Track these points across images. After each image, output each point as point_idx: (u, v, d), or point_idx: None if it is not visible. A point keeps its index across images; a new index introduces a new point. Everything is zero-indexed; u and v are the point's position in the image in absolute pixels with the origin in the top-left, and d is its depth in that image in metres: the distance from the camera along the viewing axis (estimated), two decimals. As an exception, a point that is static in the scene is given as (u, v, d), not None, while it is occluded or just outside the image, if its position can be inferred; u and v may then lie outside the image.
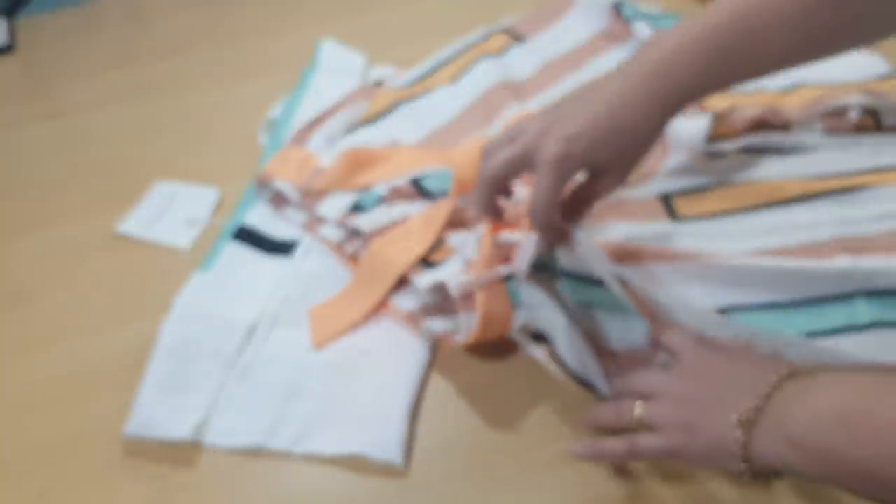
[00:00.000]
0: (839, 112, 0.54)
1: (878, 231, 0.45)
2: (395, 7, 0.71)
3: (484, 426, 0.40)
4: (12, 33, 0.72)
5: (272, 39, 0.69)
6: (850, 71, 0.57)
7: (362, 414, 0.40)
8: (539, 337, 0.42)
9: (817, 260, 0.43)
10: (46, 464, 0.39)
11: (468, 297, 0.40)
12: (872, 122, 0.54)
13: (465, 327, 0.40)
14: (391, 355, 0.42)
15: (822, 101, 0.53)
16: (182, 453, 0.39)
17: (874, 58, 0.58)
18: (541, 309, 0.41)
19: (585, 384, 0.41)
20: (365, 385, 0.41)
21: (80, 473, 0.39)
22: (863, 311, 0.41)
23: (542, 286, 0.41)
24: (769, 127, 0.55)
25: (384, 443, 0.38)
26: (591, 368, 0.40)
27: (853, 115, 0.53)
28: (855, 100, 0.52)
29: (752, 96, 0.55)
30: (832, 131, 0.54)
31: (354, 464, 0.38)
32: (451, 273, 0.41)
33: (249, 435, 0.39)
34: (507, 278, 0.41)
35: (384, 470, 0.38)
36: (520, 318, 0.40)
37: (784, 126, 0.54)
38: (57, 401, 0.42)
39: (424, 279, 0.42)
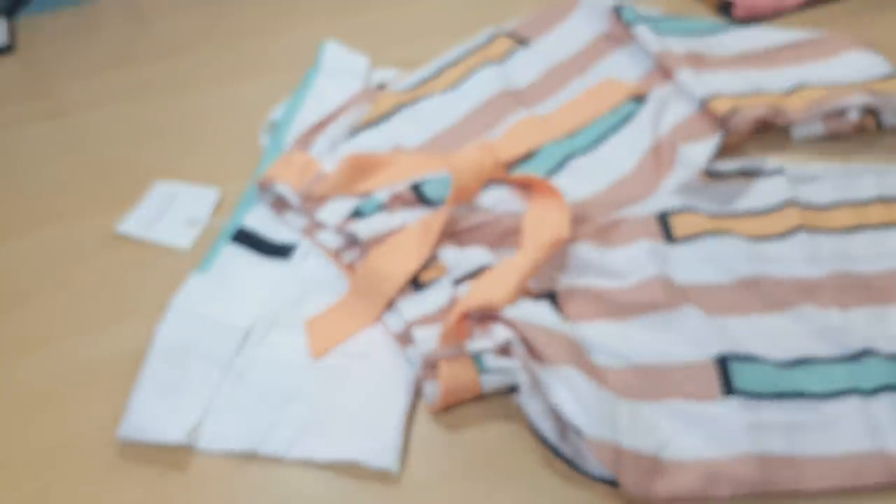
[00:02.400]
0: (840, 112, 0.54)
1: (876, 270, 0.45)
2: (395, 6, 0.71)
3: (482, 427, 0.40)
4: (12, 33, 0.72)
5: (271, 39, 0.69)
6: (852, 71, 0.57)
7: (357, 420, 0.40)
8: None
9: (806, 298, 0.43)
10: (45, 463, 0.39)
11: (432, 366, 0.40)
12: (874, 122, 0.54)
13: (430, 395, 0.40)
14: (387, 359, 0.42)
15: (824, 102, 0.53)
16: (178, 455, 0.39)
17: (876, 58, 0.58)
18: (506, 373, 0.40)
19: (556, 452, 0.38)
20: (360, 389, 0.41)
21: (79, 473, 0.39)
22: (871, 372, 0.39)
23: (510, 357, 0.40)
24: (772, 128, 0.55)
25: (379, 450, 0.38)
26: (561, 435, 0.38)
27: (854, 116, 0.53)
28: (856, 100, 0.52)
29: (754, 97, 0.55)
30: (833, 132, 0.54)
31: (350, 467, 0.38)
32: (424, 337, 0.41)
33: (243, 439, 0.39)
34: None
35: (380, 473, 0.38)
36: (488, 384, 0.40)
37: (786, 126, 0.55)
38: (56, 401, 0.42)
39: (407, 308, 0.43)
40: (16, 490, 0.38)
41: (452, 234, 0.47)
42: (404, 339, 0.43)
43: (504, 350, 0.40)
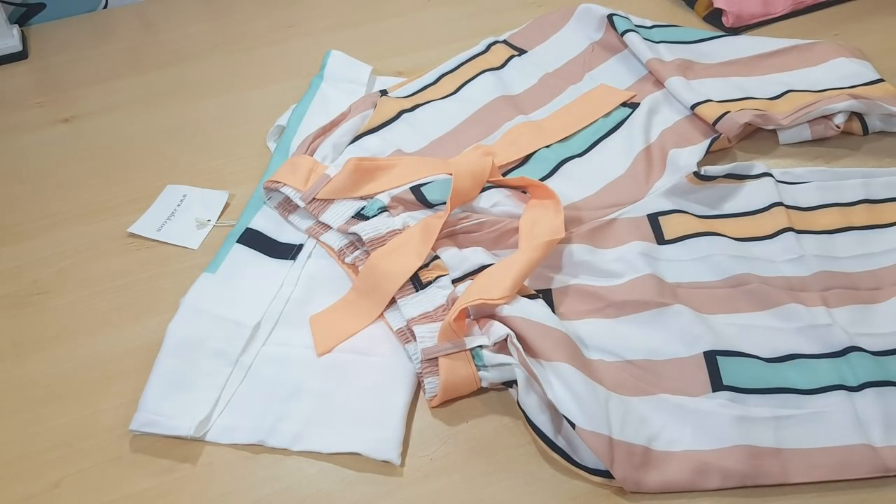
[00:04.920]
0: (827, 117, 0.55)
1: (861, 270, 0.46)
2: (396, 18, 0.73)
3: (480, 421, 0.41)
4: (25, 40, 0.73)
5: (278, 48, 0.70)
6: (838, 77, 0.58)
7: (360, 413, 0.41)
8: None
9: (793, 299, 0.43)
10: (58, 456, 0.40)
11: (432, 361, 0.41)
12: (859, 126, 0.56)
13: (430, 390, 0.41)
14: (389, 355, 0.43)
15: (810, 107, 0.54)
16: (188, 448, 0.40)
17: (862, 64, 0.59)
18: (503, 369, 0.41)
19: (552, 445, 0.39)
20: (363, 385, 0.42)
21: (91, 466, 0.40)
22: (856, 369, 0.40)
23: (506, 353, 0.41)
24: (760, 132, 0.56)
25: (381, 442, 0.39)
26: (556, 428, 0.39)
27: (840, 121, 0.54)
28: (842, 105, 0.54)
29: (742, 103, 0.56)
30: (819, 136, 0.55)
31: (354, 457, 0.39)
32: (423, 333, 0.42)
33: (251, 433, 0.40)
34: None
35: (382, 464, 0.39)
36: (487, 379, 0.41)
37: (774, 131, 0.56)
38: (69, 395, 0.43)
39: (408, 306, 0.44)
40: (30, 482, 0.39)
41: (452, 235, 0.48)
42: (405, 336, 0.44)
43: (502, 346, 0.41)
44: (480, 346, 0.41)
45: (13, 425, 0.42)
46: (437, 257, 0.46)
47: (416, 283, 0.45)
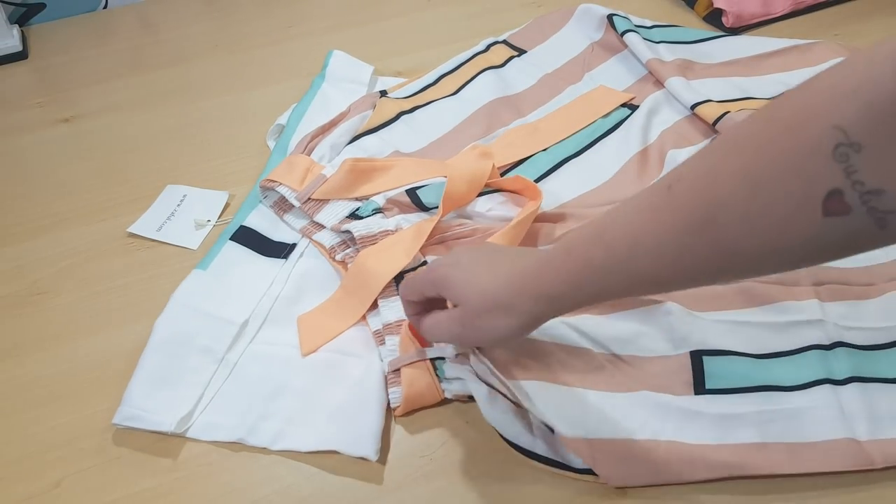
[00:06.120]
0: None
1: (854, 267, 0.46)
2: (397, 18, 0.73)
3: (479, 420, 0.40)
4: (25, 40, 0.73)
5: (279, 48, 0.70)
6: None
7: (338, 412, 0.41)
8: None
9: (786, 294, 0.43)
10: (61, 456, 0.41)
11: (397, 371, 0.41)
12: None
13: (394, 400, 0.41)
14: (370, 356, 0.43)
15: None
16: (188, 448, 0.40)
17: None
18: (465, 381, 0.40)
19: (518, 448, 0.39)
20: (344, 383, 0.42)
21: (94, 466, 0.40)
22: (843, 363, 0.40)
23: (466, 364, 0.41)
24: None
25: (358, 439, 0.39)
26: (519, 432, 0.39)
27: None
28: (842, 106, 0.54)
29: (742, 103, 0.56)
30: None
31: (354, 458, 0.39)
32: (393, 342, 0.42)
33: (231, 431, 0.40)
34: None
35: (363, 467, 0.39)
36: (451, 391, 0.41)
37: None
38: (72, 395, 0.43)
39: (387, 309, 0.44)
40: (30, 482, 0.40)
41: (443, 241, 0.48)
42: (382, 338, 0.44)
43: (463, 358, 0.41)
44: (442, 359, 0.41)
45: (13, 425, 0.42)
46: (425, 262, 0.46)
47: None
